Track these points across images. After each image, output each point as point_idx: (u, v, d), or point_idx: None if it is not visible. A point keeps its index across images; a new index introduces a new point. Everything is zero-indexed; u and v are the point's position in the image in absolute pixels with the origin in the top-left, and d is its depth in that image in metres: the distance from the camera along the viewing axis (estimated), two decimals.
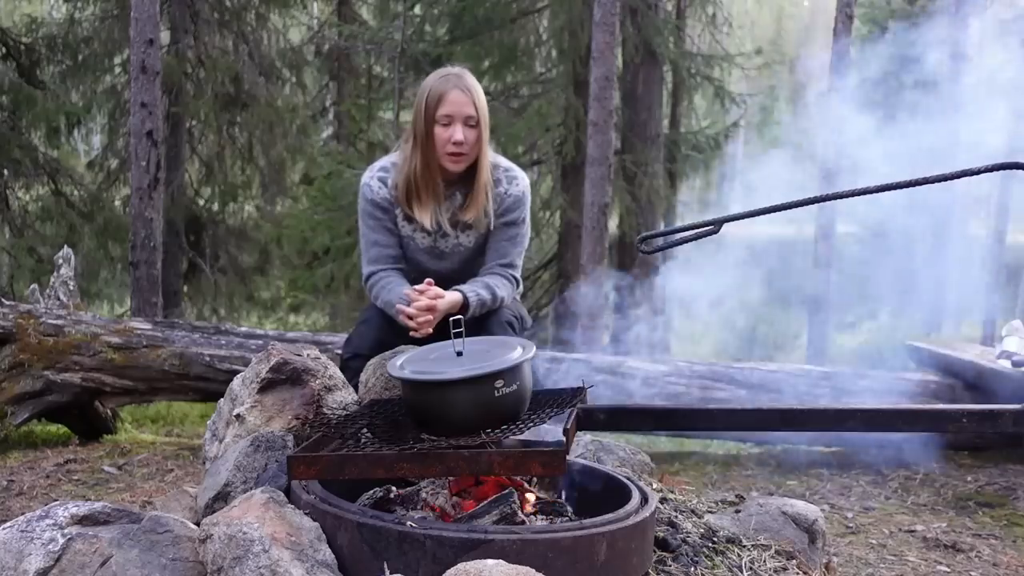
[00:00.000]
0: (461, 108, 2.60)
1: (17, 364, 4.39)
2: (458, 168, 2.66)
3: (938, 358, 5.11)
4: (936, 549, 3.33)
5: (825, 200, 2.12)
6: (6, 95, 9.30)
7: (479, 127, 2.63)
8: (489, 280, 2.70)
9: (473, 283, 2.68)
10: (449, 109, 2.60)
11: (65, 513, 1.87)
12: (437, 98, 2.61)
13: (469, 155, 2.64)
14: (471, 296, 2.61)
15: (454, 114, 2.60)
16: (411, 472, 1.83)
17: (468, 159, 2.65)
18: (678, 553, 2.06)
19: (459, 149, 2.61)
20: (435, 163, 2.66)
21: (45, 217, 9.87)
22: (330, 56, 11.91)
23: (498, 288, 2.69)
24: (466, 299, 2.59)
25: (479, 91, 2.65)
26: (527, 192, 2.78)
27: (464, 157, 2.64)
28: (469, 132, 2.61)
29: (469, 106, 2.60)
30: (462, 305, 2.58)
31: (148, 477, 3.97)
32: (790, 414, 2.31)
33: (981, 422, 2.19)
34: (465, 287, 2.64)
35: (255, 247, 11.17)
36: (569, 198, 9.44)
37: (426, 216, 2.70)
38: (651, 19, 9.52)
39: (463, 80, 2.63)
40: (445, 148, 2.62)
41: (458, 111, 2.60)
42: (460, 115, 2.60)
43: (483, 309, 2.64)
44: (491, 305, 2.67)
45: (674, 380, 4.78)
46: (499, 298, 2.69)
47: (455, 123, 2.60)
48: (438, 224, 2.73)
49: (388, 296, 2.66)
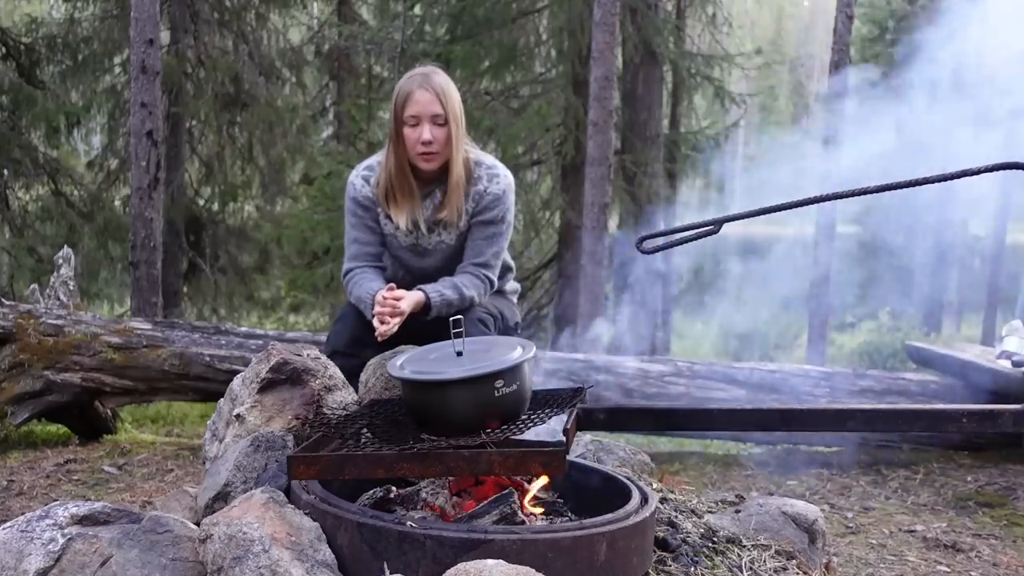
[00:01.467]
0: (427, 107, 2.58)
1: (17, 364, 4.39)
2: (431, 167, 2.65)
3: (938, 358, 5.11)
4: (936, 549, 3.33)
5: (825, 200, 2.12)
6: (6, 95, 9.30)
7: (448, 125, 2.60)
8: (458, 280, 2.69)
9: (441, 283, 2.67)
10: (415, 109, 2.59)
11: (65, 513, 1.87)
12: (404, 98, 2.61)
13: (441, 154, 2.63)
14: (433, 296, 2.60)
15: (420, 114, 2.59)
16: (411, 472, 1.83)
17: (440, 158, 2.63)
18: (678, 553, 2.06)
19: (428, 148, 2.60)
20: (407, 164, 2.66)
21: (45, 217, 9.87)
22: (330, 56, 11.91)
23: (466, 288, 2.67)
24: (428, 299, 2.59)
25: (448, 88, 2.62)
26: (509, 191, 2.74)
27: (435, 156, 2.63)
28: (437, 131, 2.60)
29: (435, 104, 2.59)
30: (424, 305, 2.58)
31: (148, 477, 3.97)
32: (790, 414, 2.31)
33: (981, 422, 2.19)
34: (429, 287, 2.63)
35: (255, 247, 11.17)
36: (569, 198, 9.44)
37: (402, 216, 2.70)
38: (651, 19, 9.52)
39: (429, 79, 2.61)
40: (415, 148, 2.62)
41: (423, 110, 2.59)
42: (426, 114, 2.59)
43: (449, 309, 2.61)
44: (459, 305, 2.64)
45: (674, 380, 4.78)
46: (467, 298, 2.67)
47: (422, 123, 2.59)
48: (415, 224, 2.72)
49: (358, 292, 2.68)
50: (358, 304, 2.68)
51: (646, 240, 2.23)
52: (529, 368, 1.99)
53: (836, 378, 4.87)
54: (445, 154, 2.63)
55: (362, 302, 2.65)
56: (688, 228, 2.18)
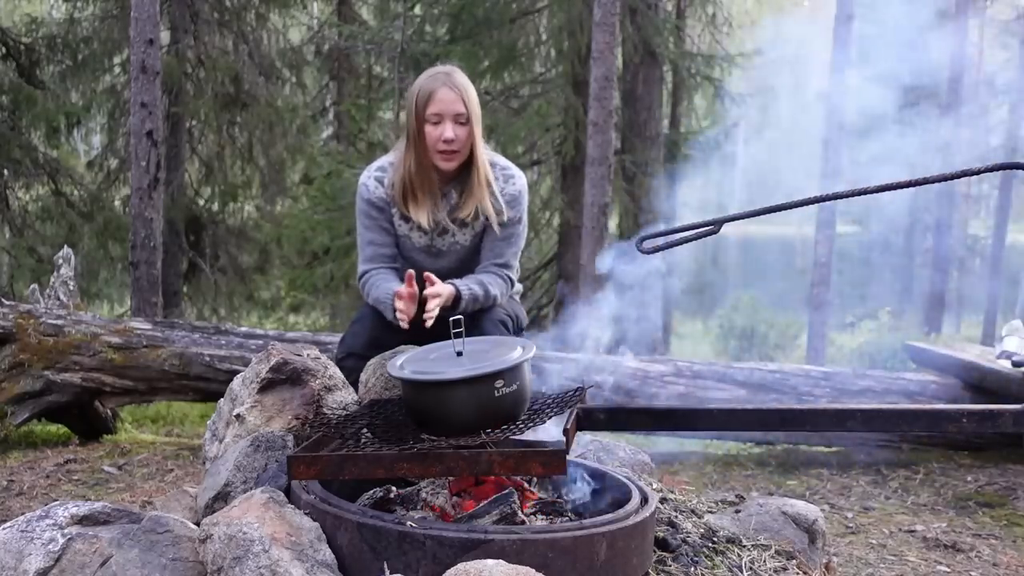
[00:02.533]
0: (450, 106, 2.59)
1: (17, 364, 4.39)
2: (450, 166, 2.65)
3: (938, 358, 5.10)
4: (936, 549, 3.34)
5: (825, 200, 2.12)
6: (6, 95, 9.29)
7: (470, 124, 2.61)
8: (483, 277, 2.69)
9: (469, 279, 2.68)
10: (438, 107, 2.59)
11: (65, 513, 1.87)
12: (426, 97, 2.61)
13: (461, 152, 2.63)
14: (464, 290, 2.60)
15: (443, 112, 2.59)
16: (411, 472, 1.83)
17: (460, 156, 2.64)
18: (678, 553, 2.06)
19: (450, 147, 2.61)
20: (428, 162, 2.65)
21: (45, 217, 9.87)
22: (330, 56, 11.91)
23: (491, 286, 2.68)
24: (458, 292, 2.58)
25: (469, 88, 2.64)
26: (524, 191, 2.76)
27: (456, 155, 2.63)
28: (459, 129, 2.60)
29: (458, 103, 2.59)
30: (455, 298, 2.57)
31: (148, 477, 3.97)
32: (790, 414, 2.31)
33: (981, 422, 2.19)
34: (459, 281, 2.63)
35: (255, 247, 11.17)
36: (569, 198, 9.44)
37: (423, 215, 2.70)
38: (651, 19, 9.52)
39: (451, 78, 2.62)
40: (436, 146, 2.61)
41: (447, 109, 2.59)
42: (449, 113, 2.59)
43: (476, 305, 2.63)
44: (483, 302, 2.66)
45: (674, 380, 4.78)
46: (492, 296, 2.68)
47: (445, 121, 2.59)
48: (435, 222, 2.73)
49: (377, 292, 2.67)
50: (377, 305, 2.67)
51: (646, 240, 2.23)
52: (529, 368, 1.99)
53: (836, 378, 4.87)
54: (465, 153, 2.64)
55: (381, 303, 2.64)
56: (688, 228, 2.18)
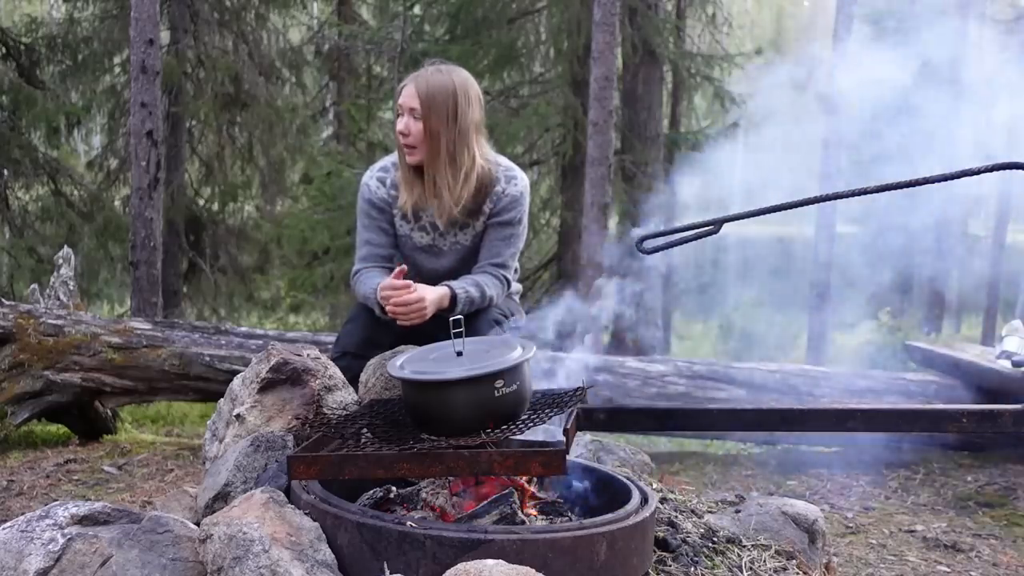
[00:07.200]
0: (407, 100, 2.61)
1: (17, 364, 4.39)
2: (412, 160, 2.65)
3: (938, 358, 5.10)
4: (936, 549, 3.34)
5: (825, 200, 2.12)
6: (6, 95, 9.29)
7: (426, 121, 2.58)
8: (479, 278, 2.69)
9: (464, 279, 2.67)
10: (400, 100, 2.64)
11: (65, 513, 1.87)
12: (400, 90, 2.66)
13: (418, 148, 2.62)
14: (459, 292, 2.60)
15: (402, 104, 2.63)
16: (411, 472, 1.83)
17: (418, 153, 2.63)
18: (678, 553, 2.06)
19: (403, 140, 2.62)
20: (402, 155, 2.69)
21: (45, 217, 9.87)
22: (330, 56, 11.91)
23: (487, 287, 2.67)
24: (454, 294, 2.58)
25: (436, 85, 2.59)
26: (525, 193, 2.75)
27: (414, 150, 2.63)
28: (413, 124, 2.60)
29: (414, 98, 2.60)
30: (450, 299, 2.58)
31: (148, 477, 3.97)
32: (790, 414, 2.31)
33: (981, 422, 2.19)
34: (454, 283, 2.63)
35: (255, 247, 11.18)
36: (568, 198, 9.44)
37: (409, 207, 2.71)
38: (651, 19, 9.52)
39: (422, 73, 2.64)
40: (397, 138, 2.65)
41: (404, 102, 2.62)
42: (405, 106, 2.62)
43: (471, 307, 2.62)
44: (480, 303, 2.65)
45: (674, 380, 4.78)
46: (488, 297, 2.67)
47: (403, 114, 2.62)
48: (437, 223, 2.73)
49: (363, 289, 2.68)
50: (365, 301, 2.69)
51: (646, 240, 2.23)
52: (529, 368, 1.99)
53: (836, 378, 4.87)
54: (422, 149, 2.62)
55: (368, 299, 2.65)
56: (688, 228, 2.18)
